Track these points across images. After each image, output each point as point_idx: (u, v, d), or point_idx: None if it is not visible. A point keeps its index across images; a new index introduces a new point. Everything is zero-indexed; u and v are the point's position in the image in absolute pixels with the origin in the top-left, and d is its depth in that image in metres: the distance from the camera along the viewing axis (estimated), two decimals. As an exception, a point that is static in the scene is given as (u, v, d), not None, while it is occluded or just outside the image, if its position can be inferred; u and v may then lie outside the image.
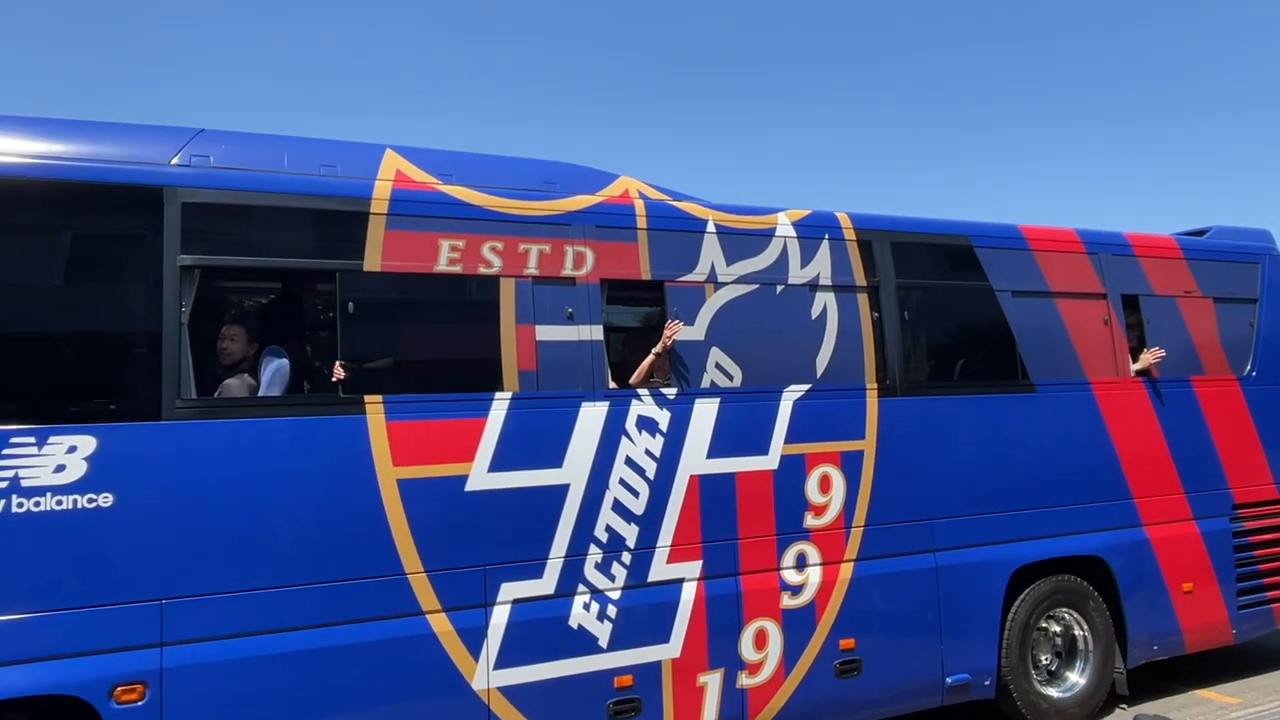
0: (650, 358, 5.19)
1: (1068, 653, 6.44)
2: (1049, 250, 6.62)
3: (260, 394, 4.47)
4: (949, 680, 5.79)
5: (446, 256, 4.78)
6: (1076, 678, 6.36)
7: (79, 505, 3.94)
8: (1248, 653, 7.78)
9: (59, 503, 3.91)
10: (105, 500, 3.98)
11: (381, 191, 4.72)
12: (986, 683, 5.93)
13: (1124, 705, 6.61)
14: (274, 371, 4.49)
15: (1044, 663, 6.39)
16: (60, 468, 3.92)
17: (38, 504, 3.88)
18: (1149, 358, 6.69)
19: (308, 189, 4.60)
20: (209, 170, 4.43)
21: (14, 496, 3.84)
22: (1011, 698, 6.04)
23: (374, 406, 4.51)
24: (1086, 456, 6.45)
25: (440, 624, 4.53)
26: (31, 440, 3.89)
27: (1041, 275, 6.55)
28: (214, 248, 4.43)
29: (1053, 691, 6.27)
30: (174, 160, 4.39)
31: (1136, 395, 6.73)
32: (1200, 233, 7.78)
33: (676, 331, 5.14)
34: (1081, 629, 6.40)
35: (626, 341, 5.68)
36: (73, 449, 3.95)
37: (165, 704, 4.00)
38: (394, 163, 4.91)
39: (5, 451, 3.84)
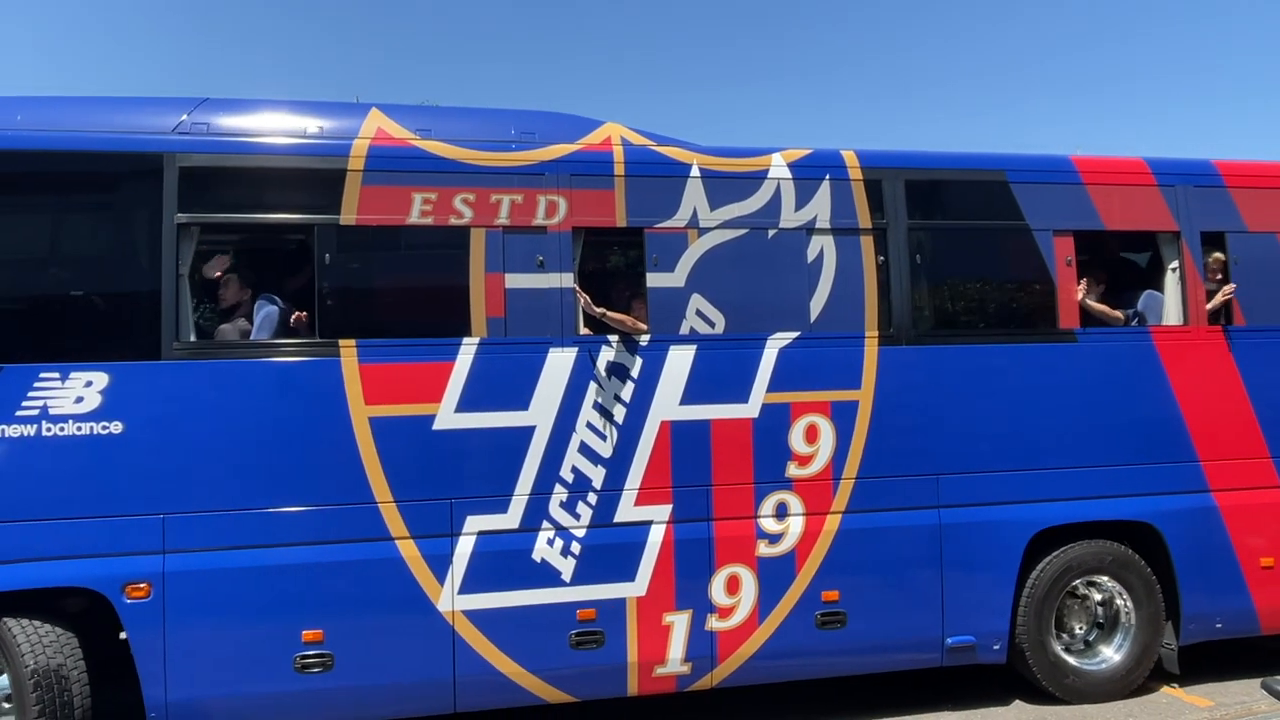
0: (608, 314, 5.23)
1: (1110, 624, 5.95)
2: (1107, 183, 5.94)
3: (251, 338, 5.00)
4: (950, 641, 5.55)
5: (419, 209, 5.06)
6: (1110, 652, 5.87)
7: (94, 431, 4.63)
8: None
9: (79, 429, 4.62)
10: (116, 427, 4.66)
11: (359, 149, 5.05)
12: (996, 647, 5.62)
13: (1174, 684, 6.05)
14: (263, 317, 4.99)
15: (1079, 633, 5.95)
16: (79, 399, 4.62)
17: (62, 429, 4.60)
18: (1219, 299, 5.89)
19: (291, 150, 5.01)
20: (204, 137, 4.94)
21: (44, 422, 4.59)
22: (1029, 666, 5.70)
23: (348, 350, 4.91)
24: (1139, 414, 5.84)
25: (408, 549, 4.94)
26: (56, 375, 4.61)
27: (1095, 212, 5.90)
28: (209, 206, 4.95)
29: (1081, 663, 5.84)
30: (174, 128, 4.93)
31: (1213, 347, 5.97)
32: (1332, 156, 6.65)
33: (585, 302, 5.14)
34: (1124, 600, 5.88)
35: (612, 288, 5.73)
36: (89, 383, 4.64)
37: (167, 603, 4.67)
38: (376, 121, 5.22)
39: (36, 385, 4.58)
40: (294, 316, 4.95)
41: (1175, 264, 6.01)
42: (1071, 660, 5.81)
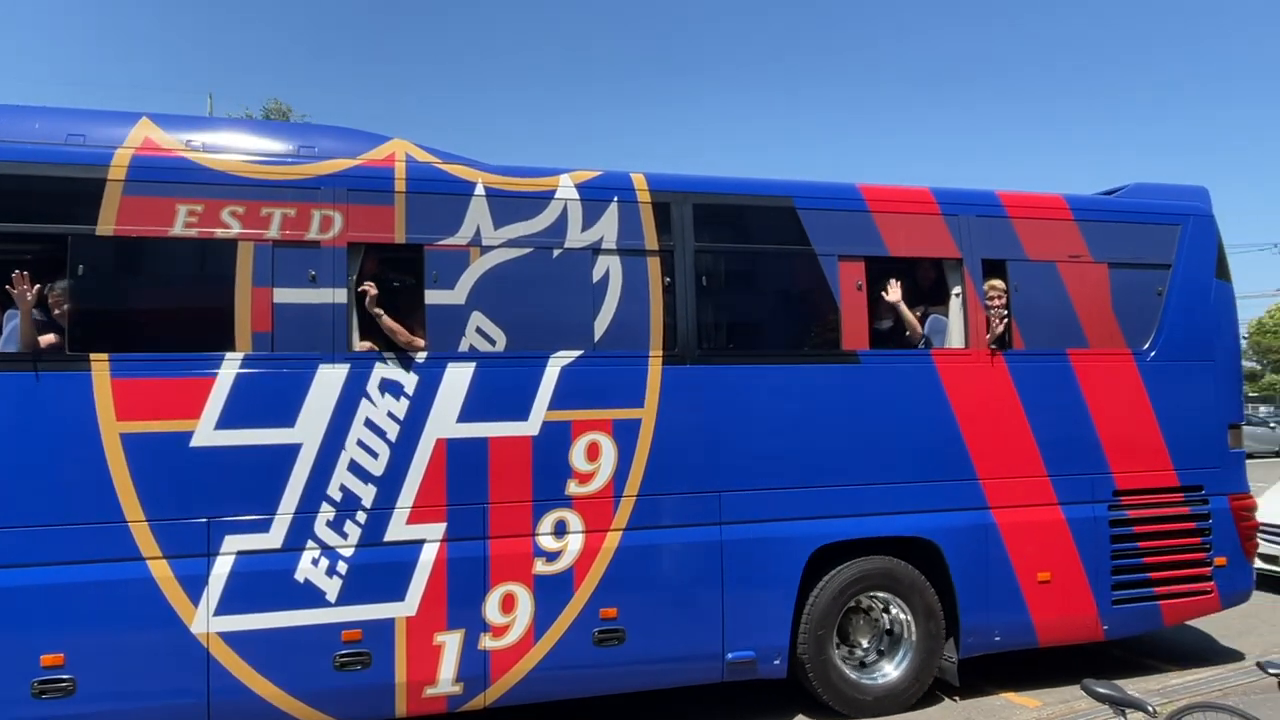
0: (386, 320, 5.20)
1: (895, 639, 6.12)
2: (892, 212, 6.16)
3: (-2, 350, 4.82)
4: (730, 656, 5.63)
5: (183, 220, 4.96)
6: (890, 667, 6.04)
7: None
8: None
9: None
10: None
11: (120, 159, 4.93)
12: (776, 661, 5.73)
13: (956, 697, 6.25)
14: (11, 329, 4.81)
15: (865, 647, 6.11)
16: None
17: None
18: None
19: (47, 157, 4.86)
20: None
21: None
22: (810, 681, 5.82)
23: (99, 364, 4.77)
24: (920, 433, 6.04)
25: (160, 569, 4.79)
26: None
27: (879, 238, 6.11)
28: None
29: (860, 677, 5.99)
30: None
31: (993, 369, 6.22)
32: (1115, 192, 7.05)
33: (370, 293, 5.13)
34: (905, 615, 6.06)
35: (393, 304, 5.67)
36: None
37: None
38: (145, 131, 5.10)
39: None
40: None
41: (958, 289, 6.27)
42: (851, 675, 5.95)
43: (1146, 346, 6.58)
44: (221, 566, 4.88)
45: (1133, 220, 6.70)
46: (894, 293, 6.13)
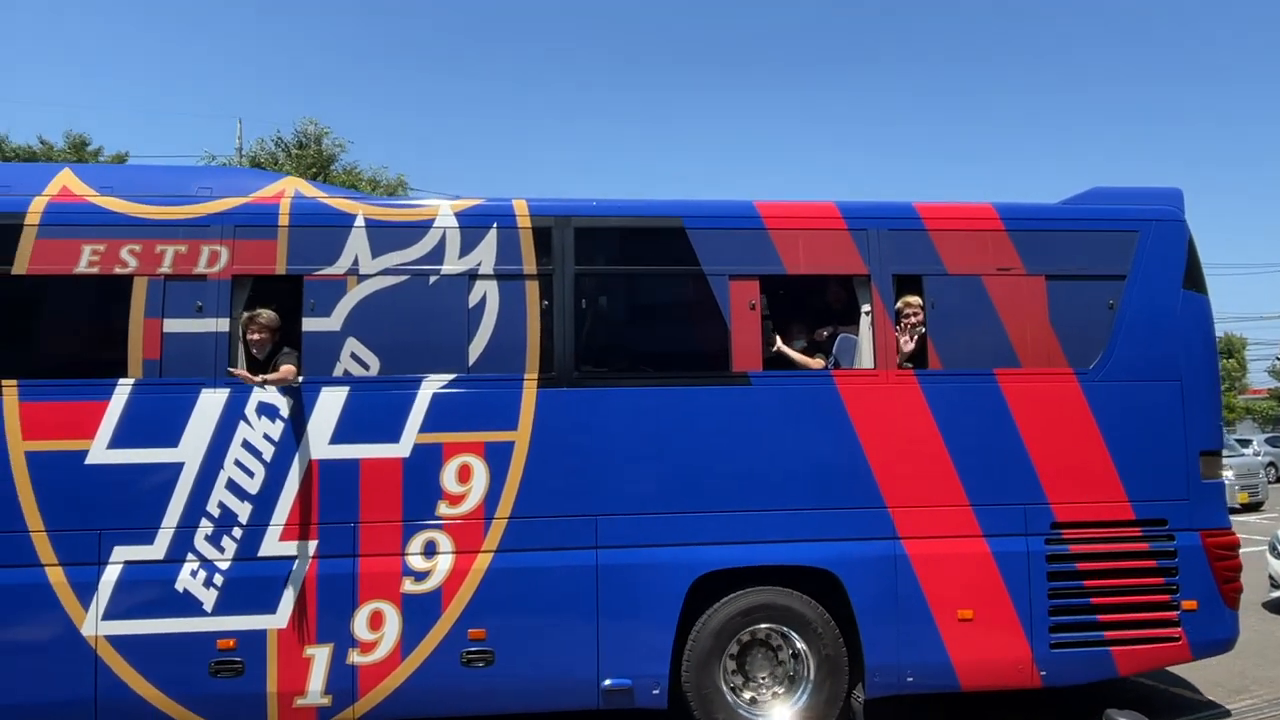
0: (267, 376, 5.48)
1: (796, 677, 5.83)
2: (792, 228, 5.95)
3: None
4: (606, 683, 5.54)
5: (87, 259, 5.49)
6: (784, 706, 5.74)
7: None
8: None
9: None
10: None
11: (36, 205, 5.52)
12: (655, 691, 5.58)
13: (861, 737, 5.87)
14: None
15: (760, 682, 5.84)
16: None
17: None
18: None
19: (-25, 206, 5.52)
20: None
21: None
22: (694, 713, 5.64)
23: (9, 389, 5.34)
24: (819, 458, 5.76)
25: (55, 575, 5.27)
26: None
27: (776, 256, 5.91)
28: None
29: (750, 714, 5.72)
30: None
31: (904, 391, 5.86)
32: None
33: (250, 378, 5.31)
34: (804, 649, 5.76)
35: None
36: None
37: None
38: (64, 180, 5.69)
39: None
40: None
41: (867, 307, 5.96)
42: (742, 711, 5.71)
43: (1094, 366, 6.01)
44: (110, 575, 5.31)
45: (1077, 228, 6.16)
46: (788, 341, 6.03)
